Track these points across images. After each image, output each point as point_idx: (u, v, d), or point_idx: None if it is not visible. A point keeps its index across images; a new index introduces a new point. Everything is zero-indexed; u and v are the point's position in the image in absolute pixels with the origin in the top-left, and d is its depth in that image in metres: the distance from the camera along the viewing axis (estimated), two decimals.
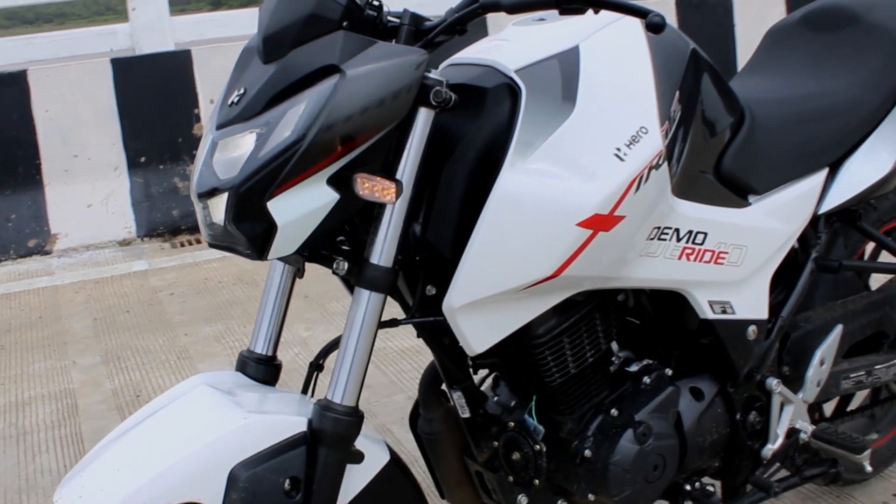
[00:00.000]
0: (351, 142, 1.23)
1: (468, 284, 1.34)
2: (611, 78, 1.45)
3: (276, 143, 1.21)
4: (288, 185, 1.21)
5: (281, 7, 1.29)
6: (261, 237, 1.22)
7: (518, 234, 1.34)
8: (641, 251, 1.48)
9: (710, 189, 1.61)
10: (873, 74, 1.88)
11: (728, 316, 1.66)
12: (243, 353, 1.46)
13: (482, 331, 1.39)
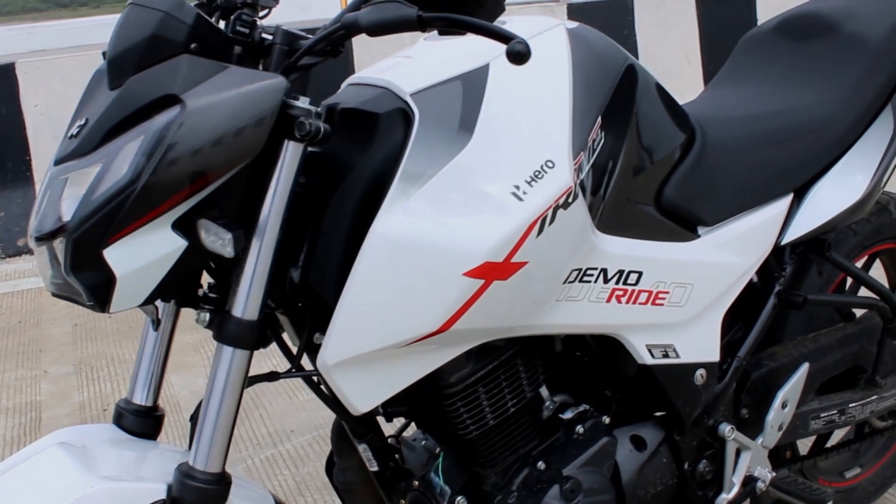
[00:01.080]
0: (197, 181, 1.08)
1: (342, 340, 1.20)
2: (519, 102, 1.29)
3: (111, 184, 1.06)
4: (125, 231, 1.06)
5: (125, 26, 1.15)
6: (101, 288, 1.08)
7: (397, 283, 1.18)
8: (559, 296, 1.33)
9: (647, 223, 1.46)
10: (848, 89, 1.71)
11: (671, 360, 1.51)
12: (120, 403, 1.33)
13: (365, 389, 1.25)
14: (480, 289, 1.19)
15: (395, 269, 1.18)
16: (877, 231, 1.92)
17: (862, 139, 1.72)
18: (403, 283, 1.18)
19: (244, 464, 2.60)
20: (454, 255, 1.18)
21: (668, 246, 1.48)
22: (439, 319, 1.19)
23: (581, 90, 1.33)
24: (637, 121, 1.43)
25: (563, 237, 1.26)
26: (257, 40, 1.21)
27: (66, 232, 1.07)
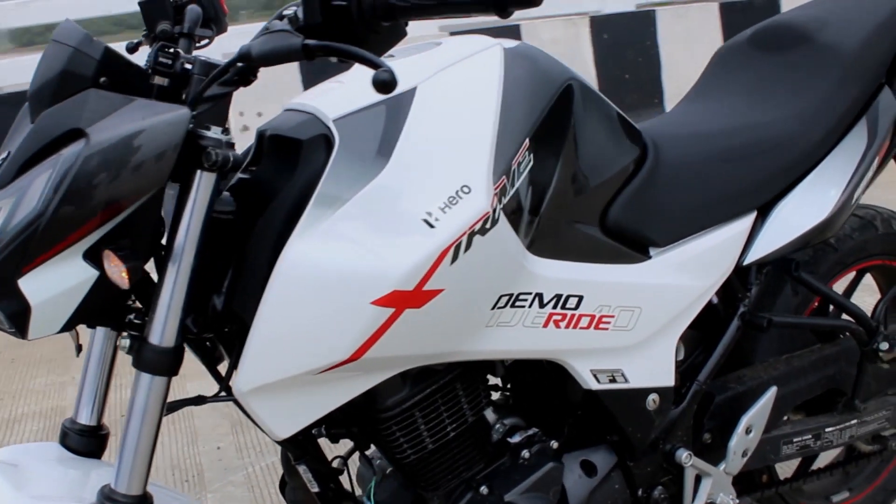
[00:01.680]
0: (104, 212, 1.08)
1: (254, 367, 1.18)
2: (441, 127, 1.26)
3: (23, 217, 1.07)
4: (37, 261, 1.07)
5: (44, 61, 1.16)
6: (18, 316, 1.09)
7: (306, 311, 1.16)
8: (489, 322, 1.29)
9: (590, 245, 1.41)
10: (817, 104, 1.65)
11: (619, 385, 1.46)
12: (65, 423, 1.34)
13: (284, 415, 1.23)
14: (391, 317, 1.17)
15: (304, 297, 1.16)
16: (860, 248, 1.85)
17: (832, 154, 1.65)
18: (312, 310, 1.16)
19: (245, 471, 2.61)
20: (362, 283, 1.16)
21: (615, 268, 1.44)
22: (350, 348, 1.17)
23: (509, 112, 1.29)
24: (575, 141, 1.39)
25: (482, 264, 1.23)
26: (179, 71, 1.21)
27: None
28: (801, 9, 1.85)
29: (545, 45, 5.14)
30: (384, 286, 1.15)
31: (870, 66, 1.68)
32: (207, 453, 2.73)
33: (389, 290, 1.16)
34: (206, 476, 2.59)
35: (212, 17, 1.35)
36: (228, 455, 2.70)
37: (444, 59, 1.34)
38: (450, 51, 1.36)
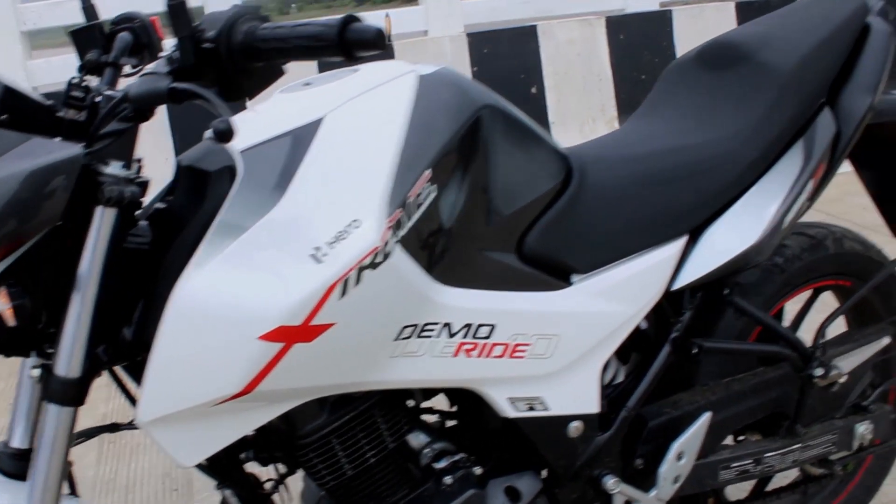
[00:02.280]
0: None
1: (152, 398, 1.21)
2: (340, 159, 1.27)
3: None
4: None
5: None
6: None
7: (196, 344, 1.18)
8: (393, 352, 1.31)
9: (505, 273, 1.43)
10: (752, 124, 1.64)
11: (538, 413, 1.47)
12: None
13: (188, 444, 1.25)
14: (281, 351, 1.18)
15: (194, 330, 1.18)
16: (810, 268, 1.83)
17: (766, 176, 1.64)
18: (202, 344, 1.18)
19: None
20: (249, 318, 1.17)
21: (532, 296, 1.44)
22: (240, 382, 1.19)
23: (412, 143, 1.30)
24: (487, 169, 1.39)
25: (375, 297, 1.24)
26: (89, 104, 1.22)
27: None
28: (749, 25, 1.83)
29: (560, 46, 5.17)
30: (270, 321, 1.17)
31: (808, 85, 1.66)
32: None
33: (276, 326, 1.17)
34: (195, 485, 2.63)
35: (145, 44, 1.35)
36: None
37: (355, 88, 1.35)
38: (363, 79, 1.37)
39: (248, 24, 1.20)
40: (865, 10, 1.76)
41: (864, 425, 1.84)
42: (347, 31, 1.14)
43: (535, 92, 5.06)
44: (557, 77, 5.07)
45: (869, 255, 1.90)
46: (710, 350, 1.65)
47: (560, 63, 5.08)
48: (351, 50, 1.14)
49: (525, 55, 5.06)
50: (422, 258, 1.30)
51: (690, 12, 5.19)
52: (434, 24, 5.95)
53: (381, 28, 1.15)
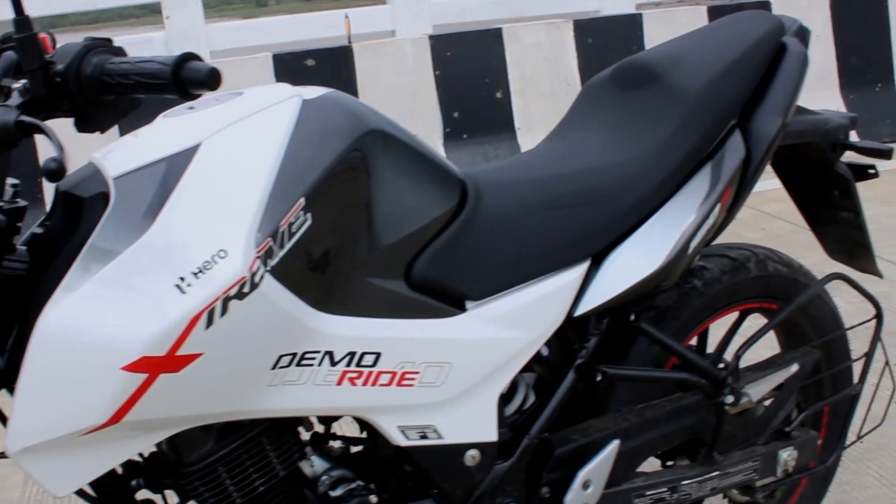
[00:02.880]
0: None
1: (19, 428, 1.19)
2: (212, 187, 1.25)
3: None
4: None
5: None
6: None
7: (62, 374, 1.17)
8: (271, 381, 1.29)
9: (393, 300, 1.39)
10: (659, 147, 1.60)
11: (431, 441, 1.44)
12: None
13: (60, 474, 1.23)
14: (146, 382, 1.17)
15: (59, 359, 1.17)
16: (731, 291, 1.79)
17: (672, 200, 1.61)
18: (67, 374, 1.17)
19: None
20: (111, 349, 1.16)
21: (421, 323, 1.41)
22: (106, 412, 1.17)
23: (287, 170, 1.27)
24: (372, 195, 1.36)
25: (245, 327, 1.22)
26: None
27: None
28: (665, 44, 1.80)
29: (527, 50, 5.13)
30: (133, 352, 1.15)
31: (718, 107, 1.63)
32: None
33: (138, 356, 1.16)
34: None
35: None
36: None
37: (236, 113, 1.32)
38: (245, 103, 1.34)
39: (98, 56, 1.20)
40: (781, 31, 1.73)
41: (787, 451, 1.81)
42: (182, 70, 1.15)
43: (500, 97, 5.02)
44: (523, 81, 5.03)
45: (794, 276, 1.85)
46: (616, 377, 1.62)
47: (526, 67, 5.04)
48: (185, 88, 1.16)
49: (490, 58, 5.02)
50: (298, 287, 1.27)
51: (661, 16, 5.16)
52: (401, 24, 5.93)
53: (215, 67, 1.16)
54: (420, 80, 4.97)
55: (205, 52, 5.82)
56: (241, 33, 6.41)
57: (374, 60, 4.93)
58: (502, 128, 5.01)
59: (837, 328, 1.92)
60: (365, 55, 4.94)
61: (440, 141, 4.98)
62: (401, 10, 6.02)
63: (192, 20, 5.96)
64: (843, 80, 5.40)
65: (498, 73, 5.03)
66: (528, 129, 5.03)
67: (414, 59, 4.97)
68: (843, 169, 1.80)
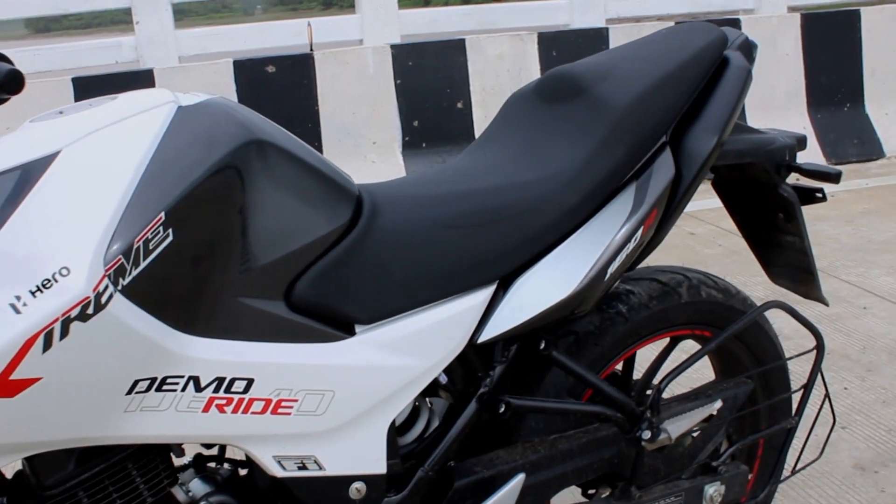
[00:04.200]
0: None
1: None
2: (64, 198, 1.15)
3: None
4: None
5: None
6: None
7: None
8: (128, 406, 1.19)
9: (269, 323, 1.28)
10: (579, 165, 1.49)
11: (311, 473, 1.34)
12: None
13: None
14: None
15: None
16: (660, 317, 1.68)
17: (591, 222, 1.49)
18: None
19: None
20: None
21: (302, 348, 1.30)
22: None
23: (149, 182, 1.17)
24: (247, 210, 1.25)
25: (91, 350, 1.12)
26: None
27: None
28: (596, 56, 1.68)
29: (490, 62, 5.05)
30: None
31: (645, 123, 1.52)
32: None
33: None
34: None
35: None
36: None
37: (103, 119, 1.22)
38: (117, 108, 1.24)
39: None
40: (724, 43, 1.61)
41: (714, 486, 1.71)
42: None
43: (461, 107, 4.93)
44: (485, 93, 4.94)
45: (730, 303, 1.75)
46: (521, 408, 1.50)
47: (488, 78, 4.96)
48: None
49: (452, 69, 4.94)
50: (157, 307, 1.17)
51: (628, 30, 5.07)
52: (370, 34, 5.83)
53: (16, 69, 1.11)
54: (381, 88, 4.90)
55: (174, 58, 5.73)
56: (210, 40, 6.28)
57: (336, 68, 4.84)
58: (462, 138, 4.92)
59: (777, 357, 1.82)
60: (326, 63, 4.84)
61: (399, 149, 4.89)
62: (369, 20, 5.92)
63: (161, 26, 5.86)
64: (811, 100, 5.35)
65: (460, 84, 4.95)
66: None
67: (375, 67, 4.88)
68: (787, 191, 1.70)
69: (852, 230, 4.16)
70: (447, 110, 4.91)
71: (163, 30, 5.96)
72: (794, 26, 5.35)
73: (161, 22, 5.96)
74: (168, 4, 5.99)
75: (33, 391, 1.10)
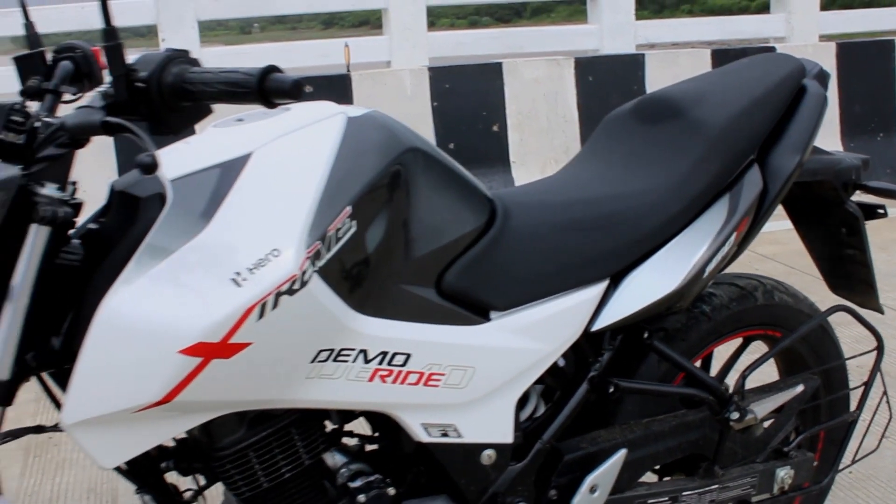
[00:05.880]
0: None
1: (77, 402, 1.36)
2: (265, 192, 1.44)
3: None
4: None
5: None
6: None
7: (119, 355, 1.34)
8: (309, 374, 1.46)
9: (423, 307, 1.58)
10: (679, 178, 1.81)
11: (451, 439, 1.63)
12: None
13: (108, 447, 1.40)
14: (199, 366, 1.34)
15: (119, 342, 1.33)
16: (737, 318, 2.00)
17: (690, 228, 1.80)
18: (126, 355, 1.34)
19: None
20: (171, 333, 1.33)
21: (449, 329, 1.60)
22: (160, 392, 1.34)
23: (334, 181, 1.46)
24: (409, 208, 1.55)
25: (293, 321, 1.40)
26: (29, 129, 1.37)
27: None
28: (686, 82, 2.01)
29: (526, 85, 5.39)
30: (190, 337, 1.33)
31: (737, 142, 1.84)
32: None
33: (195, 342, 1.33)
34: (120, 501, 2.75)
35: (86, 73, 1.50)
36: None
37: (285, 126, 1.52)
38: (294, 118, 1.55)
39: (178, 66, 1.37)
40: (802, 73, 1.95)
41: (784, 469, 2.01)
42: (267, 81, 1.30)
43: (496, 130, 5.27)
44: (521, 116, 5.28)
45: (799, 307, 2.07)
46: (627, 390, 1.81)
47: (524, 102, 5.29)
48: (269, 97, 1.31)
49: (488, 92, 5.27)
50: (340, 288, 1.46)
51: (664, 57, 5.43)
52: (398, 55, 6.18)
53: (299, 79, 1.31)
54: (418, 110, 5.21)
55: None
56: (235, 59, 6.63)
57: (372, 89, 5.16)
58: (497, 161, 5.25)
59: (837, 358, 2.14)
60: (363, 84, 5.17)
61: None
62: (398, 41, 6.28)
63: (188, 44, 6.18)
64: (844, 128, 5.71)
65: (496, 107, 5.28)
66: (523, 162, 5.28)
67: (412, 89, 5.21)
68: (852, 207, 2.03)
69: (887, 257, 4.50)
70: (483, 133, 5.23)
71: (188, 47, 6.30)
72: (829, 55, 5.72)
73: (187, 39, 6.30)
74: (195, 22, 6.34)
75: (244, 355, 1.37)
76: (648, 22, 7.15)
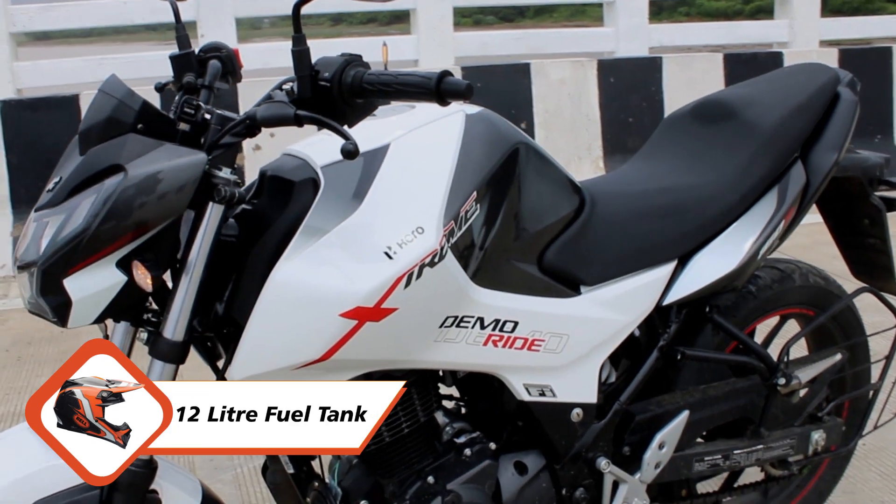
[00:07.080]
0: (134, 231, 1.42)
1: (245, 360, 1.53)
2: (405, 178, 1.63)
3: (71, 230, 1.41)
4: (79, 266, 1.41)
5: (92, 107, 1.51)
6: (61, 308, 1.43)
7: (288, 319, 1.51)
8: (437, 337, 1.66)
9: (528, 280, 1.79)
10: (735, 172, 2.03)
11: (547, 399, 1.84)
12: None
13: None
14: (355, 328, 1.53)
15: (287, 307, 1.52)
16: (778, 297, 2.23)
17: (745, 216, 2.04)
18: (293, 318, 1.52)
19: (234, 471, 2.97)
20: (332, 298, 1.52)
21: (548, 301, 1.82)
22: (321, 350, 1.53)
23: (462, 168, 1.67)
24: (519, 194, 1.77)
25: (430, 290, 1.60)
26: (200, 120, 1.55)
27: (37, 264, 1.43)
28: (738, 86, 2.25)
29: (552, 85, 5.63)
30: (350, 302, 1.52)
31: (784, 142, 2.07)
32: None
33: (354, 306, 1.52)
34: (198, 474, 2.93)
35: (230, 71, 1.70)
36: (220, 456, 3.06)
37: (415, 121, 1.72)
38: (421, 114, 1.75)
39: (355, 69, 1.53)
40: (837, 81, 2.18)
41: (818, 433, 2.24)
42: (443, 83, 1.45)
43: (524, 128, 5.46)
44: (547, 115, 5.49)
45: (829, 289, 2.30)
46: (693, 357, 2.04)
47: (550, 101, 5.51)
48: (444, 98, 1.46)
49: (517, 92, 5.48)
50: (465, 262, 1.66)
51: (681, 61, 5.66)
52: (425, 54, 6.37)
53: (470, 83, 1.47)
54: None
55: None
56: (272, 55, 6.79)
57: None
58: None
59: (862, 334, 2.37)
60: None
61: None
62: (426, 41, 6.48)
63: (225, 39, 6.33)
64: None
65: (523, 106, 5.49)
66: None
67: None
68: (876, 200, 2.25)
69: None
70: None
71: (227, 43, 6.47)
72: (832, 61, 5.96)
73: (225, 35, 6.45)
74: (232, 18, 6.52)
75: (391, 319, 1.56)
76: (660, 25, 7.38)
